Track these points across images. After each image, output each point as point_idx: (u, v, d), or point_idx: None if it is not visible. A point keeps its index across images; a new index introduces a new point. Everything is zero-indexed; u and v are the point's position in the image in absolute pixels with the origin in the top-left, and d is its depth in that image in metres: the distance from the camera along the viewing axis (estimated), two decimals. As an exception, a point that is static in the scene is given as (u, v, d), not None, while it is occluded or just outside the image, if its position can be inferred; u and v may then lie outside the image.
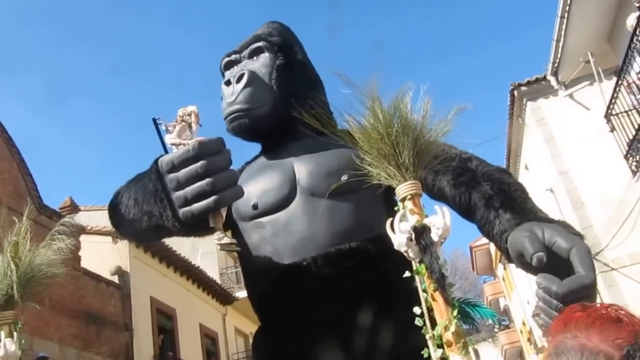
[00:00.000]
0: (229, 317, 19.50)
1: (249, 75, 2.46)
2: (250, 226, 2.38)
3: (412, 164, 1.80)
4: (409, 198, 1.78)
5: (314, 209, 2.28)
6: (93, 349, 11.49)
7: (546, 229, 1.79)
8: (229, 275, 20.53)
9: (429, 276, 1.69)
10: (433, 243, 1.70)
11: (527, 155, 15.29)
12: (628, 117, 8.79)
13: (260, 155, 2.66)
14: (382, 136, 1.83)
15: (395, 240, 1.76)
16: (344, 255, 2.20)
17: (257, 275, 2.38)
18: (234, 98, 2.44)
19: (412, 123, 1.85)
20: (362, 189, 2.16)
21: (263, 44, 2.62)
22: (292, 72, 2.60)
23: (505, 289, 30.60)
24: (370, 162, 1.89)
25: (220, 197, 1.93)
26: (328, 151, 2.36)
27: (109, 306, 12.47)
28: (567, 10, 10.20)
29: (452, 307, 1.65)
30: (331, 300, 2.20)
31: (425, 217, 1.75)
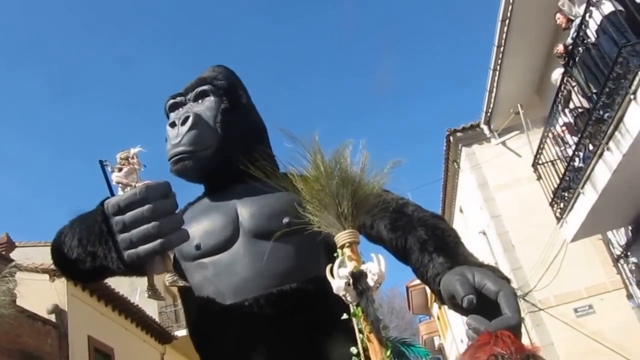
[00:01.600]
0: (168, 356, 18.98)
1: (193, 118, 2.47)
2: (193, 266, 2.39)
3: (350, 213, 1.88)
4: (347, 245, 1.85)
5: (256, 250, 2.31)
6: (27, 390, 11.01)
7: (476, 272, 1.87)
8: (167, 314, 20.07)
9: (365, 319, 1.76)
10: (369, 288, 1.77)
11: (462, 199, 15.68)
12: (553, 166, 9.18)
13: (203, 197, 2.67)
14: (323, 187, 1.90)
15: (334, 285, 1.83)
16: (285, 295, 2.23)
17: (198, 314, 2.38)
18: (178, 140, 2.44)
19: (351, 175, 1.93)
20: (303, 232, 2.16)
21: (208, 87, 2.62)
22: (237, 116, 2.61)
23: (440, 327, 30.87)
24: (312, 211, 1.96)
25: (166, 241, 1.92)
26: (270, 194, 2.39)
27: (46, 345, 11.98)
28: (499, 64, 10.69)
29: (386, 347, 1.73)
30: (272, 340, 2.23)
31: (362, 263, 1.83)
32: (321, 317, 2.25)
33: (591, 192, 7.75)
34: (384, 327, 1.78)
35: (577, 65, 7.56)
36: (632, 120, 6.49)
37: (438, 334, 31.87)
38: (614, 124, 6.78)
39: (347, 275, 1.79)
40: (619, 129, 6.74)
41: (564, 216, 8.85)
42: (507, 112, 11.99)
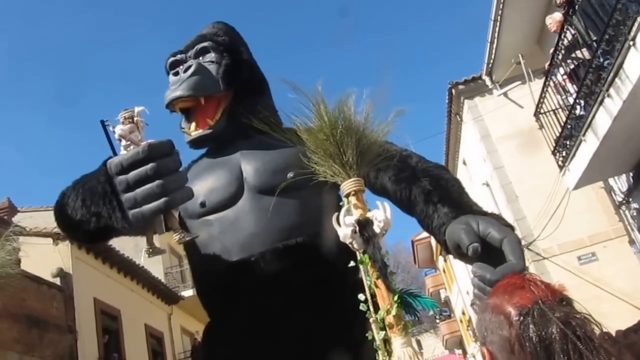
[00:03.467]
0: (175, 317, 19.29)
1: (196, 66, 2.49)
2: (198, 224, 2.40)
3: (355, 162, 1.91)
4: (352, 194, 1.89)
5: (261, 206, 2.32)
6: (36, 353, 11.19)
7: (480, 221, 1.90)
8: (173, 274, 20.29)
9: (372, 265, 1.80)
10: (375, 235, 1.81)
11: (465, 151, 15.71)
12: (555, 115, 9.17)
13: (206, 154, 2.68)
14: (328, 136, 1.93)
15: (340, 233, 1.86)
16: (291, 250, 2.25)
17: (205, 271, 2.41)
18: (179, 84, 2.46)
19: (355, 124, 1.95)
20: (308, 186, 2.20)
21: (209, 43, 2.64)
22: (239, 71, 2.62)
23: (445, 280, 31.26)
24: (317, 161, 1.99)
25: (171, 199, 1.92)
26: (274, 149, 2.41)
27: (51, 309, 12.17)
28: (499, 14, 10.59)
29: (393, 293, 1.77)
30: (280, 294, 2.26)
31: (368, 211, 1.87)
32: (328, 271, 2.29)
33: (592, 140, 7.76)
34: (391, 273, 1.82)
35: (577, 14, 7.50)
36: (631, 66, 6.48)
37: (444, 286, 32.30)
38: (613, 71, 6.76)
39: (353, 222, 1.83)
40: (618, 75, 6.72)
41: (566, 164, 8.88)
42: (508, 63, 11.93)
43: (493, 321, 1.22)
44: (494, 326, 1.21)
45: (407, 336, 1.75)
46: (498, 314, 1.21)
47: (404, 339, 1.73)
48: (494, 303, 1.25)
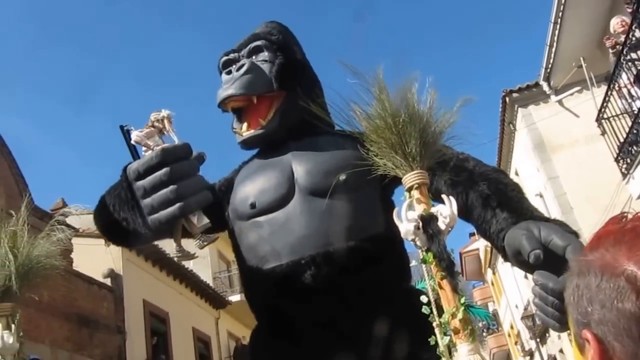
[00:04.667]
0: (222, 321, 19.40)
1: (249, 65, 2.46)
2: (248, 225, 2.36)
3: (418, 153, 1.79)
4: (415, 187, 1.77)
5: (312, 208, 2.26)
6: (85, 352, 11.37)
7: (542, 227, 1.79)
8: (222, 279, 20.42)
9: (437, 264, 1.67)
10: (440, 231, 1.68)
11: (517, 161, 15.37)
12: (619, 120, 8.84)
13: (257, 155, 2.64)
14: (389, 125, 1.81)
15: (402, 229, 1.74)
16: (342, 254, 2.18)
17: (254, 274, 2.34)
18: (232, 82, 2.43)
19: (419, 113, 1.83)
20: (360, 189, 2.18)
21: (262, 42, 2.60)
22: (292, 71, 2.58)
23: (494, 293, 30.79)
24: (376, 152, 1.88)
25: (185, 204, 1.94)
26: (326, 151, 2.36)
27: (102, 309, 12.35)
28: (560, 17, 10.27)
29: (460, 294, 1.64)
30: (329, 299, 2.19)
31: (432, 206, 1.74)
32: (380, 276, 2.22)
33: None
34: (457, 273, 1.69)
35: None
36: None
37: (492, 299, 31.81)
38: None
39: (416, 218, 1.70)
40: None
41: (631, 171, 8.55)
42: (568, 67, 11.56)
43: (604, 288, 0.79)
44: (605, 296, 0.78)
45: (474, 342, 1.61)
46: (614, 276, 0.78)
47: (471, 346, 1.60)
48: (602, 261, 0.81)
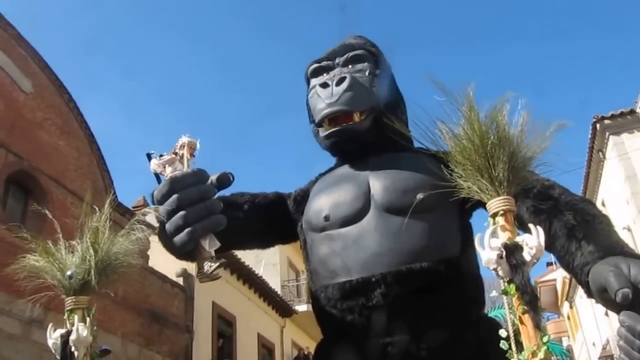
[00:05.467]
0: (287, 330, 19.51)
1: (351, 79, 2.44)
2: (320, 238, 2.35)
3: (506, 178, 1.72)
4: (500, 214, 1.68)
5: (387, 225, 2.23)
6: (154, 347, 11.67)
7: (632, 264, 1.69)
8: (290, 288, 20.55)
9: (519, 297, 1.59)
10: (525, 263, 1.60)
11: (605, 191, 14.76)
12: None
13: (334, 167, 2.63)
14: (477, 147, 1.75)
15: (484, 256, 1.66)
16: (414, 275, 2.13)
17: (323, 287, 2.32)
18: (335, 99, 2.41)
19: (509, 136, 1.76)
20: (438, 210, 2.13)
21: (362, 52, 2.58)
22: (387, 85, 2.57)
23: (569, 328, 29.62)
24: (461, 174, 1.81)
25: (193, 230, 2.05)
26: (405, 168, 2.32)
27: (172, 307, 12.65)
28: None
29: (542, 332, 1.55)
30: (398, 320, 2.14)
31: (517, 235, 1.66)
32: (452, 301, 2.16)
33: None
34: (541, 309, 1.60)
35: None
36: None
37: (567, 334, 30.54)
38: None
39: (500, 246, 1.62)
40: None
41: None
42: (666, 96, 11.03)
43: None
44: None
45: (554, 385, 1.50)
46: None
47: (549, 387, 1.49)
48: None
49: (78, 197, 10.08)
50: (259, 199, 2.67)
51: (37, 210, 9.22)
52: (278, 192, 2.76)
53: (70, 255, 2.23)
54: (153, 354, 11.60)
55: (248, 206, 2.62)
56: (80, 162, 10.73)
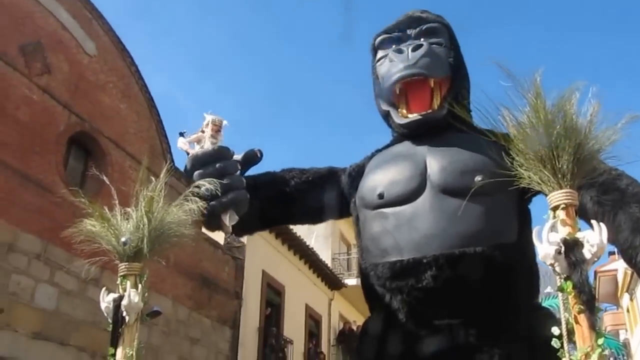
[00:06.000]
0: (335, 302, 19.65)
1: (428, 47, 2.43)
2: (373, 215, 2.35)
3: (570, 170, 1.66)
4: (562, 207, 1.63)
5: (442, 206, 2.21)
6: (203, 311, 11.95)
7: None
8: (340, 261, 20.65)
9: (576, 296, 1.55)
10: (585, 260, 1.55)
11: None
12: None
13: (391, 144, 2.61)
14: (541, 136, 1.69)
15: (541, 251, 1.62)
16: (467, 258, 2.11)
17: (373, 265, 2.33)
18: (413, 62, 2.40)
19: (577, 126, 1.69)
20: (495, 193, 2.09)
21: (437, 25, 2.55)
22: (460, 60, 2.55)
23: (628, 321, 28.78)
24: (522, 163, 1.76)
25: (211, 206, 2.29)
26: (464, 149, 2.28)
27: (223, 273, 12.89)
28: None
29: (598, 333, 1.51)
30: (447, 304, 2.14)
31: (578, 230, 1.61)
32: (503, 289, 2.14)
33: None
34: (597, 309, 1.56)
35: None
36: None
37: (625, 327, 29.70)
38: None
39: (559, 241, 1.58)
40: None
41: None
42: None
43: None
44: None
45: (605, 387, 1.46)
46: None
47: (601, 390, 1.45)
48: None
49: (136, 161, 10.31)
50: (309, 174, 2.69)
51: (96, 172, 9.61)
52: (331, 167, 2.77)
53: (125, 222, 2.29)
54: (202, 318, 11.89)
55: (295, 181, 2.66)
56: (139, 125, 10.96)
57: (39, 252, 8.21)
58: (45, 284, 8.23)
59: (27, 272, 8.03)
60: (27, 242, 8.06)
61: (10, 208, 7.92)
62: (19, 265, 7.93)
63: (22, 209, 8.07)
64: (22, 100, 8.46)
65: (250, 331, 13.69)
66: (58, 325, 8.30)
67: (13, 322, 7.70)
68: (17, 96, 8.38)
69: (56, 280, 8.37)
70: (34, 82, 8.68)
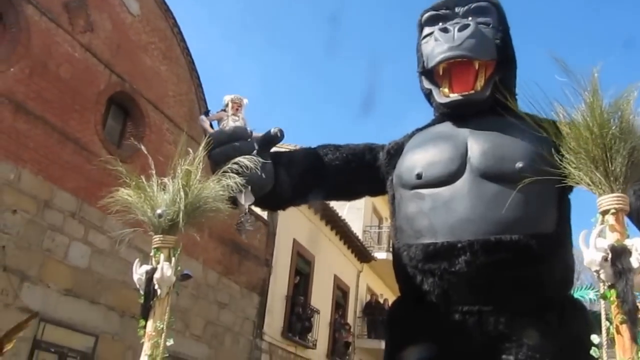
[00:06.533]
0: (364, 275, 19.75)
1: (475, 28, 2.37)
2: (410, 195, 2.33)
3: (623, 174, 1.61)
4: (612, 212, 1.58)
5: (481, 191, 2.18)
6: (232, 277, 12.11)
7: None
8: (371, 234, 20.67)
9: (619, 305, 1.51)
10: (632, 269, 1.51)
11: None
12: None
13: (433, 124, 2.57)
14: (595, 136, 1.64)
15: (586, 256, 1.58)
16: (503, 246, 2.08)
17: (406, 246, 2.32)
18: (458, 43, 2.36)
19: (634, 128, 1.63)
20: (537, 182, 2.02)
21: (487, 4, 2.50)
22: (509, 43, 2.50)
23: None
24: (572, 162, 1.71)
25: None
26: (506, 135, 2.24)
27: (254, 240, 12.99)
28: None
29: (639, 346, 1.47)
30: (479, 290, 2.13)
31: (627, 237, 1.56)
32: (537, 278, 2.11)
33: None
34: None
35: None
36: None
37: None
38: None
39: (607, 248, 1.54)
40: None
41: None
42: None
43: None
44: None
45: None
46: None
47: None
48: None
49: (174, 124, 10.38)
50: (344, 150, 2.67)
51: (134, 133, 9.72)
52: (369, 143, 2.73)
53: (161, 193, 2.30)
54: (231, 283, 12.05)
55: (329, 158, 2.64)
56: (179, 88, 11.01)
57: (74, 210, 8.38)
58: (78, 242, 8.41)
59: (62, 230, 8.20)
60: (63, 199, 8.22)
61: (49, 165, 8.07)
62: (54, 222, 8.10)
63: (60, 166, 8.22)
64: (64, 57, 8.55)
65: (278, 299, 13.87)
66: (89, 284, 8.50)
67: (46, 277, 7.90)
68: (59, 53, 8.47)
69: (90, 239, 8.55)
70: (76, 39, 8.75)
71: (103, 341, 8.61)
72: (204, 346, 11.05)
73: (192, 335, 10.64)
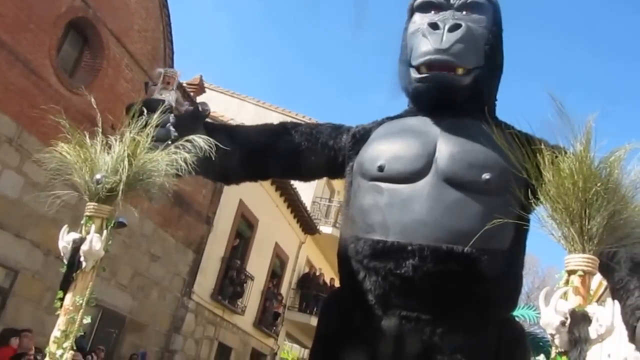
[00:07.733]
0: (305, 247, 19.82)
1: (466, 30, 2.31)
2: (368, 186, 2.28)
3: (599, 235, 1.56)
4: (579, 274, 1.53)
5: (441, 196, 2.14)
6: (170, 230, 11.92)
7: None
8: (320, 206, 20.68)
9: None
10: (588, 340, 1.47)
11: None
12: None
13: (405, 114, 2.52)
14: (578, 190, 1.58)
15: (544, 315, 1.54)
16: (453, 257, 2.06)
17: (355, 239, 2.27)
18: (445, 47, 2.28)
19: (619, 189, 1.58)
20: (500, 195, 2.03)
21: (485, 1, 2.44)
22: (499, 47, 2.45)
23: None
24: (548, 210, 1.66)
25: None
26: (478, 142, 2.19)
27: (199, 195, 12.82)
28: None
29: None
30: (421, 297, 2.09)
31: (589, 304, 1.52)
32: (481, 295, 2.10)
33: None
34: None
35: None
36: None
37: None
38: None
39: (566, 312, 1.49)
40: None
41: None
42: None
43: None
44: None
45: None
46: None
47: None
48: None
49: (135, 60, 10.05)
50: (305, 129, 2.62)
51: (90, 63, 9.36)
52: (334, 124, 2.67)
53: (104, 155, 2.17)
54: (167, 236, 11.88)
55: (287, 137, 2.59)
56: (146, 24, 10.61)
57: (12, 136, 8.00)
58: (11, 171, 8.06)
59: (-5, 154, 7.86)
60: (1, 123, 7.82)
61: (-9, 84, 7.68)
62: (-13, 145, 7.74)
63: (4, 87, 7.81)
64: (25, -31, 8.10)
65: (213, 259, 13.77)
66: (17, 216, 8.19)
67: (-31, 202, 7.57)
68: (20, -36, 8.01)
69: (24, 169, 8.20)
70: (41, -47, 8.31)
71: (22, 278, 8.37)
72: (127, 297, 10.90)
73: (117, 284, 10.47)
